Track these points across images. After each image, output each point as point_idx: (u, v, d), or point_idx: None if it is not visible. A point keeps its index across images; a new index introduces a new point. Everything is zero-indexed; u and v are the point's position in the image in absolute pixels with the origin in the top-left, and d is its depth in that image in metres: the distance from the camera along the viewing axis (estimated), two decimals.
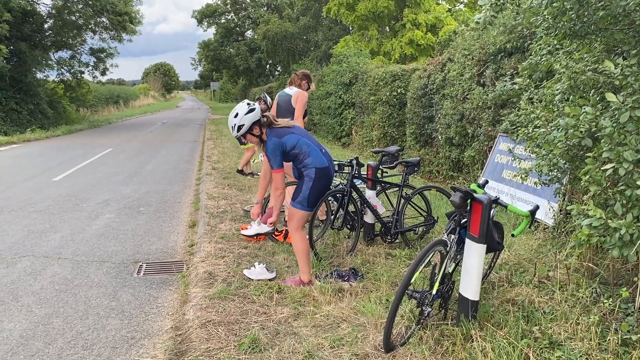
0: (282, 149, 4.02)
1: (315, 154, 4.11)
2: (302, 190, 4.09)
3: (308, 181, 4.08)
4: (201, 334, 3.45)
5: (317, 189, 4.11)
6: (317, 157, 4.11)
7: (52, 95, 26.54)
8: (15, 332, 3.66)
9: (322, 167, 4.11)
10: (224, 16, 45.93)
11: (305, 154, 4.08)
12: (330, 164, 4.21)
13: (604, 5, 3.12)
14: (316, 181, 4.08)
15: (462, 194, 3.11)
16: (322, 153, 4.17)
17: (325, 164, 4.13)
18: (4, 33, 19.58)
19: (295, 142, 4.06)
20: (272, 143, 4.00)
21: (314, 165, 4.08)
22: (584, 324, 3.16)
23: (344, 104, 16.21)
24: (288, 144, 4.04)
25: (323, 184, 4.15)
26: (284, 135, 4.04)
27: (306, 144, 4.11)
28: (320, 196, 4.21)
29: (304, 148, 4.08)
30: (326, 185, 4.20)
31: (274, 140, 4.00)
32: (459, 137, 8.05)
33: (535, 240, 5.04)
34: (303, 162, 4.10)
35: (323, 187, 4.17)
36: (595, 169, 2.96)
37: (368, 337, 3.30)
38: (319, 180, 4.09)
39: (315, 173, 4.07)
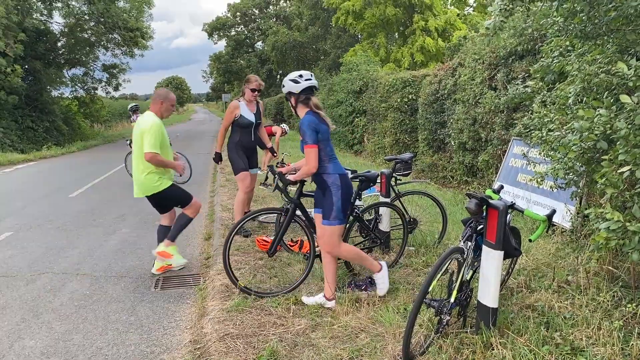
0: (316, 127, 3.77)
1: (337, 162, 3.95)
2: (334, 202, 3.84)
3: (336, 190, 3.84)
4: (220, 347, 3.46)
5: (346, 197, 3.91)
6: (338, 165, 3.95)
7: (66, 112, 26.99)
8: (36, 349, 3.70)
9: (344, 175, 3.93)
10: (234, 28, 46.38)
11: (328, 157, 3.87)
12: (347, 176, 4.03)
13: (615, 6, 3.10)
14: (343, 188, 3.87)
15: (477, 201, 3.09)
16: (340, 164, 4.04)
17: (344, 172, 3.96)
18: (19, 53, 19.95)
19: (326, 135, 3.86)
20: (309, 119, 3.79)
21: (337, 172, 3.88)
22: (606, 329, 3.11)
23: (355, 111, 16.23)
24: (321, 128, 3.81)
25: (349, 192, 3.95)
26: (321, 123, 3.85)
27: (331, 147, 3.94)
28: (348, 205, 4.00)
29: (328, 148, 3.89)
30: (351, 194, 4.01)
31: (312, 117, 3.81)
32: (472, 142, 8.02)
33: (553, 244, 4.98)
34: (325, 166, 3.86)
35: (349, 195, 3.97)
36: (612, 172, 2.92)
37: (387, 347, 3.28)
38: (345, 187, 3.89)
39: (340, 180, 3.87)
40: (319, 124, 3.80)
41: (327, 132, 3.87)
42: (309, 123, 3.75)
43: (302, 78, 3.91)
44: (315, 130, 3.76)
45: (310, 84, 3.92)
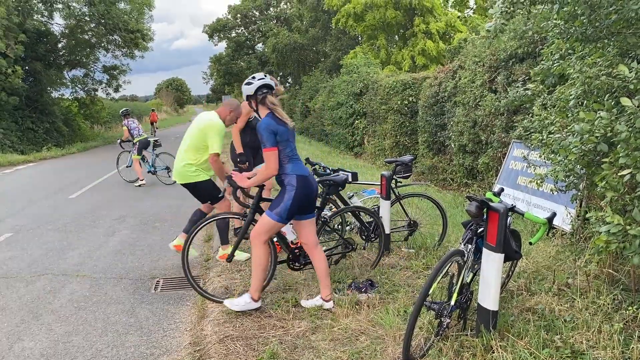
0: (274, 130, 3.71)
1: (298, 162, 3.87)
2: (284, 200, 3.78)
3: (290, 189, 3.79)
4: (220, 349, 3.45)
5: (300, 199, 3.80)
6: (299, 165, 3.86)
7: (66, 113, 27.00)
8: (36, 351, 3.69)
9: (304, 176, 3.84)
10: (234, 30, 46.36)
11: (287, 158, 3.81)
12: (312, 179, 3.94)
13: (616, 10, 3.10)
14: (299, 190, 3.78)
15: (478, 203, 3.09)
16: (303, 165, 3.95)
17: (306, 173, 3.87)
18: (19, 54, 19.97)
19: (285, 136, 3.77)
20: (267, 122, 3.73)
21: (295, 172, 3.81)
22: (606, 332, 3.11)
23: (355, 113, 16.25)
24: (279, 131, 3.73)
25: (306, 195, 3.84)
26: (280, 124, 3.77)
27: (292, 148, 3.86)
28: (299, 209, 3.88)
29: (287, 150, 3.81)
30: (310, 198, 3.90)
31: (270, 120, 3.75)
32: (472, 144, 8.02)
33: (553, 247, 4.98)
34: (284, 166, 3.81)
35: (306, 199, 3.86)
36: (612, 175, 2.92)
37: (387, 350, 3.28)
38: (301, 189, 3.80)
39: (297, 181, 3.78)
40: (277, 125, 3.74)
41: (286, 133, 3.79)
42: (266, 126, 3.71)
43: (255, 79, 3.88)
44: (273, 132, 3.71)
45: (264, 82, 3.88)
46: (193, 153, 5.03)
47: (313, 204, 4.02)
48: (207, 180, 5.15)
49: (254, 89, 3.84)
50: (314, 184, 3.96)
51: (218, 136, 4.96)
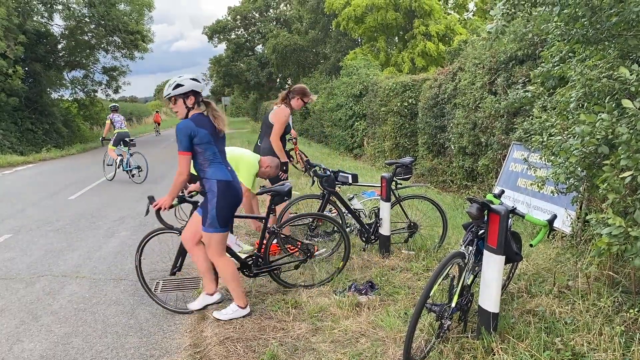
0: (191, 134, 3.63)
1: (219, 166, 3.78)
2: (209, 211, 3.73)
3: (211, 197, 3.73)
4: (220, 351, 3.45)
5: (224, 205, 3.75)
6: (220, 169, 3.77)
7: (66, 114, 27.02)
8: (35, 352, 3.68)
9: (226, 181, 3.76)
10: (234, 32, 46.39)
11: (207, 161, 3.73)
12: (236, 184, 3.89)
13: (617, 12, 3.10)
14: (220, 196, 3.72)
15: (479, 205, 3.09)
16: (227, 169, 3.86)
17: (229, 178, 3.80)
18: (19, 55, 19.97)
19: (205, 139, 3.68)
20: (185, 123, 3.65)
21: (215, 177, 3.73)
22: (607, 334, 3.11)
23: (355, 115, 16.24)
24: (199, 134, 3.65)
25: (230, 199, 3.79)
26: (201, 125, 3.68)
27: (214, 152, 3.74)
28: (231, 213, 3.87)
29: (208, 153, 3.72)
30: (234, 203, 3.85)
31: (188, 122, 3.66)
32: (472, 146, 8.02)
33: (553, 249, 4.98)
34: (204, 170, 3.75)
35: (231, 203, 3.81)
36: (613, 177, 2.92)
37: (387, 352, 3.27)
38: (223, 195, 3.73)
39: (217, 186, 3.72)
40: (197, 128, 3.64)
41: (207, 136, 3.68)
42: (183, 128, 3.63)
43: (200, 78, 3.83)
44: (190, 136, 3.63)
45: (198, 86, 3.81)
46: None
47: None
48: None
49: (202, 89, 3.80)
50: (238, 188, 3.89)
51: (248, 172, 5.16)
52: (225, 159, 3.90)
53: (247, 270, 4.39)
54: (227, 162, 3.91)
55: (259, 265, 4.39)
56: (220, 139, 3.85)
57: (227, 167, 3.86)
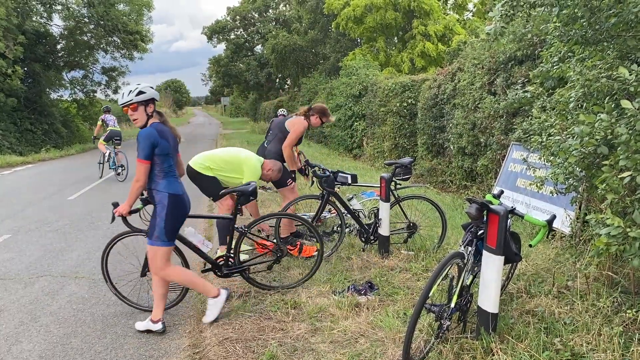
0: (154, 143, 3.61)
1: (172, 179, 3.76)
2: (157, 223, 3.70)
3: (161, 210, 3.70)
4: (219, 351, 3.45)
5: (173, 219, 3.73)
6: (173, 183, 3.76)
7: (65, 114, 26.98)
8: (34, 353, 3.68)
9: (176, 194, 3.75)
10: (233, 32, 46.36)
11: (162, 173, 3.71)
12: (186, 197, 3.87)
13: (616, 12, 3.11)
14: (170, 209, 3.70)
15: (478, 206, 3.09)
16: (179, 182, 3.85)
17: (179, 192, 3.78)
18: (18, 55, 19.96)
19: (165, 151, 3.68)
20: (148, 132, 3.62)
21: (167, 190, 3.71)
22: (606, 334, 3.11)
23: (354, 115, 16.25)
24: (160, 145, 3.64)
25: (179, 213, 3.78)
26: (163, 137, 3.67)
27: (170, 164, 3.75)
28: (178, 227, 3.82)
29: (165, 165, 3.71)
30: (183, 215, 3.84)
31: (152, 131, 3.64)
32: (472, 147, 8.02)
33: (552, 249, 4.98)
34: (157, 182, 3.71)
35: (179, 217, 3.80)
36: (612, 177, 2.92)
37: (387, 352, 3.27)
38: (173, 208, 3.72)
39: (169, 199, 3.70)
40: (159, 138, 3.64)
41: (167, 148, 3.69)
42: (147, 136, 3.60)
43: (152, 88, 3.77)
44: (153, 145, 3.61)
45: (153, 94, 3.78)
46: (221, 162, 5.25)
47: None
48: (212, 177, 5.26)
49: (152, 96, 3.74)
50: (187, 202, 3.88)
51: (252, 176, 5.19)
52: (177, 172, 3.91)
53: (218, 270, 4.38)
54: (176, 172, 3.89)
55: (230, 266, 4.39)
56: (175, 151, 3.88)
57: (178, 180, 3.87)
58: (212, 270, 4.38)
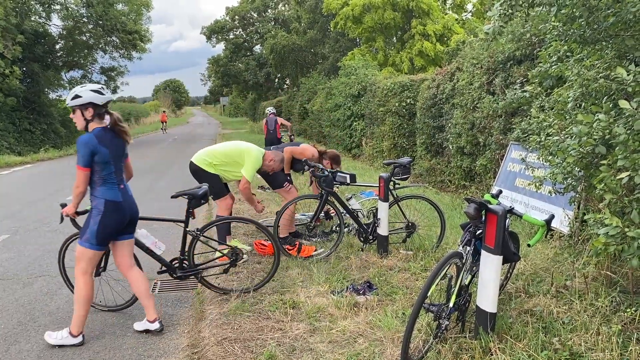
0: (93, 150, 3.56)
1: (111, 186, 3.70)
2: (90, 226, 3.65)
3: (96, 214, 3.65)
4: (217, 351, 3.44)
5: (107, 224, 3.67)
6: (111, 190, 3.69)
7: (64, 114, 26.90)
8: (32, 353, 3.68)
9: (113, 201, 3.68)
10: (232, 32, 46.37)
11: (101, 179, 3.66)
12: (126, 204, 3.79)
13: (614, 12, 3.11)
14: (105, 215, 3.65)
15: (476, 205, 3.09)
16: (119, 189, 3.76)
17: (117, 199, 3.71)
18: (17, 55, 19.94)
19: (104, 159, 3.62)
20: (87, 139, 3.57)
21: (104, 197, 3.66)
22: (605, 334, 3.11)
23: (353, 115, 16.25)
24: (99, 152, 3.58)
25: (115, 220, 3.71)
26: (103, 143, 3.60)
27: (110, 172, 3.68)
28: (112, 234, 3.76)
29: (104, 172, 3.66)
30: (118, 223, 3.75)
31: (92, 138, 3.58)
32: (470, 146, 8.02)
33: (551, 249, 4.99)
34: (95, 188, 3.67)
35: (114, 224, 3.72)
36: (610, 177, 2.93)
37: (385, 352, 3.27)
38: (108, 214, 3.66)
39: (105, 205, 3.65)
40: (98, 145, 3.58)
41: (106, 156, 3.63)
42: (86, 143, 3.55)
43: (105, 90, 3.72)
44: (92, 152, 3.56)
45: (111, 97, 3.77)
46: (222, 157, 5.33)
47: (130, 226, 3.95)
48: (214, 175, 5.33)
49: (105, 101, 3.67)
50: (126, 209, 3.80)
51: (252, 165, 5.27)
52: (121, 177, 3.83)
53: (172, 272, 4.36)
54: (122, 180, 3.82)
55: (184, 268, 4.36)
56: (118, 157, 3.77)
57: (119, 187, 3.77)
58: (167, 272, 4.35)
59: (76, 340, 3.76)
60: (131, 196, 3.92)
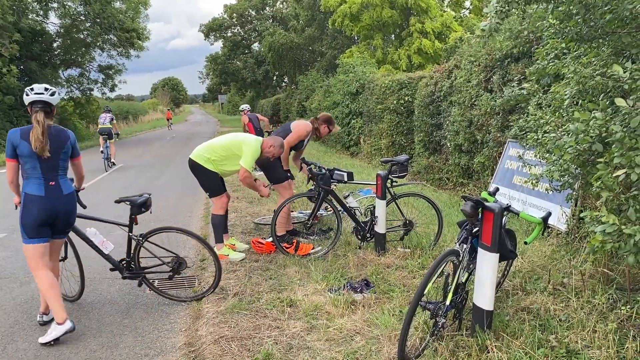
0: (13, 143, 3.69)
1: (34, 181, 3.75)
2: (20, 220, 3.79)
3: (21, 209, 3.79)
4: (214, 350, 3.44)
5: (26, 217, 3.72)
6: (33, 184, 3.74)
7: (62, 112, 26.87)
8: (29, 352, 3.67)
9: (33, 195, 3.72)
10: (230, 30, 46.31)
11: (25, 173, 3.77)
12: (50, 200, 3.77)
13: (611, 9, 3.10)
14: (25, 207, 3.73)
15: (473, 203, 3.09)
16: (45, 184, 3.77)
17: (39, 194, 3.74)
18: (14, 53, 19.89)
19: (25, 153, 3.68)
20: (13, 131, 3.73)
21: (25, 190, 3.76)
22: (601, 331, 3.11)
23: (352, 113, 16.25)
24: (20, 146, 3.67)
25: (33, 214, 3.71)
26: (25, 137, 3.67)
27: (33, 166, 3.73)
28: (35, 228, 3.74)
29: (27, 166, 3.74)
30: (38, 217, 3.73)
31: (16, 132, 3.72)
32: (468, 144, 8.03)
33: (548, 246, 4.99)
34: (23, 181, 3.81)
35: (34, 217, 3.72)
36: (607, 174, 2.93)
37: (382, 350, 3.27)
38: (27, 207, 3.72)
39: (24, 198, 3.75)
40: (20, 140, 3.67)
41: (27, 150, 3.67)
42: (8, 136, 3.72)
43: (32, 92, 3.76)
44: (12, 145, 3.68)
45: (37, 98, 3.73)
46: (221, 150, 5.31)
47: (66, 227, 4.02)
48: (213, 172, 5.33)
49: (28, 101, 3.75)
50: (49, 206, 3.77)
51: (251, 155, 5.22)
52: (54, 174, 3.83)
53: (120, 272, 4.45)
54: (54, 177, 3.83)
55: (130, 270, 4.45)
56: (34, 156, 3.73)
57: (46, 183, 3.79)
58: (117, 270, 4.43)
59: (65, 327, 3.76)
60: (67, 195, 3.91)
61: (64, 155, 3.91)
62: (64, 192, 3.89)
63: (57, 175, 3.86)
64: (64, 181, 3.93)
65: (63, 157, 3.91)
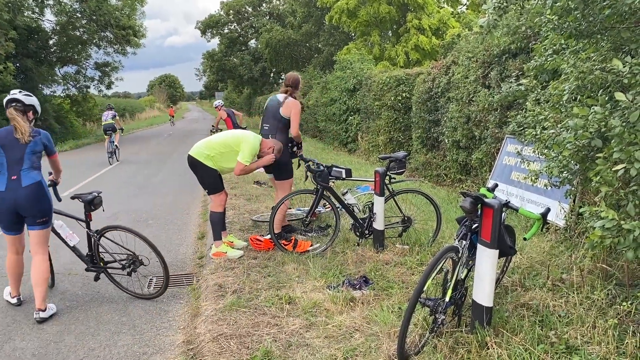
0: None
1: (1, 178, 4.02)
2: None
3: None
4: (213, 347, 3.43)
5: None
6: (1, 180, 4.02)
7: (59, 110, 26.77)
8: (27, 351, 3.65)
9: None
10: (227, 26, 46.19)
11: None
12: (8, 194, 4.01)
13: (610, 4, 3.09)
14: None
15: (472, 199, 3.08)
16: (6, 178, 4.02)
17: (1, 189, 4.00)
18: (10, 51, 19.78)
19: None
20: None
21: None
22: (601, 327, 3.11)
23: (349, 110, 16.22)
24: None
25: None
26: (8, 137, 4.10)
27: (3, 163, 4.03)
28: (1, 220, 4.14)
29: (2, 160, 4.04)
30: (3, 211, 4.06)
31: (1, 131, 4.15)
32: (466, 140, 8.02)
33: (547, 242, 4.99)
34: None
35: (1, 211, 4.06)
36: (606, 170, 2.92)
37: (382, 347, 3.26)
38: None
39: None
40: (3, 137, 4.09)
41: None
42: None
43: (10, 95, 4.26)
44: None
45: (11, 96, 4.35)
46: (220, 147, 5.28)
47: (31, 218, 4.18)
48: (212, 170, 5.31)
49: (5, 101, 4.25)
50: (7, 199, 4.01)
51: (249, 151, 5.21)
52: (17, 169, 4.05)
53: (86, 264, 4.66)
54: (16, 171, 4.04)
55: (94, 264, 4.63)
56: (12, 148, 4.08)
57: (8, 177, 4.02)
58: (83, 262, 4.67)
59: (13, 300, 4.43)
60: (26, 187, 4.06)
61: (30, 150, 4.12)
62: (22, 184, 4.04)
63: (20, 169, 4.05)
64: (26, 174, 4.08)
65: (29, 151, 4.11)
